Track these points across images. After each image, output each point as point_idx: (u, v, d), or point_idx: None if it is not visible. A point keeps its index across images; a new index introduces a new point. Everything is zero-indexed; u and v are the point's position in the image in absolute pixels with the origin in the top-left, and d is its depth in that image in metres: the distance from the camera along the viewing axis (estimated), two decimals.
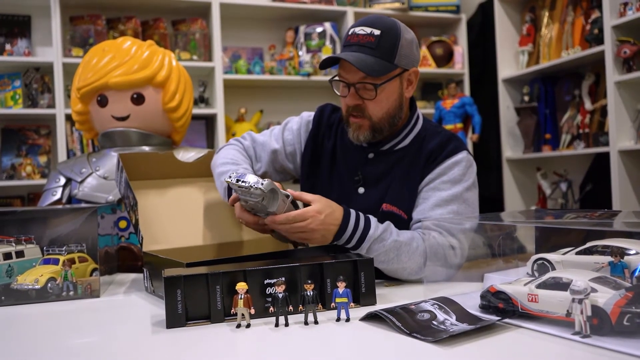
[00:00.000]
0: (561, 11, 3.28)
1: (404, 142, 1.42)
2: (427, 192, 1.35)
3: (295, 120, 1.55)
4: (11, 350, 0.90)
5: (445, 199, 1.33)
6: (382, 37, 1.30)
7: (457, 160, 1.36)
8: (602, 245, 0.94)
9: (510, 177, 3.57)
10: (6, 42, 3.03)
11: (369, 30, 1.31)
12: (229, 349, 0.87)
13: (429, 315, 0.91)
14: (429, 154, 1.38)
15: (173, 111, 1.90)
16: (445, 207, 1.32)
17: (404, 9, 3.66)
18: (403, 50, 1.32)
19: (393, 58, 1.31)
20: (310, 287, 0.95)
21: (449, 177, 1.35)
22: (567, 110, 3.23)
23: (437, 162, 1.36)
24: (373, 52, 1.29)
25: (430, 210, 1.33)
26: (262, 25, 3.62)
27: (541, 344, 0.81)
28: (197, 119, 3.33)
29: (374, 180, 1.41)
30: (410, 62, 1.36)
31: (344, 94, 1.36)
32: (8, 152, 3.06)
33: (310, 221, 1.17)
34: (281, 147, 1.51)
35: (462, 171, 1.36)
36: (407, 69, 1.36)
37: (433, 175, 1.36)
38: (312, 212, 1.17)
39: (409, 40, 1.34)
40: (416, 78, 1.40)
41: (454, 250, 1.28)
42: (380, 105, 1.34)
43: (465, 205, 1.34)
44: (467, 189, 1.35)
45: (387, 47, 1.30)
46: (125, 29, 3.19)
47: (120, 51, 1.84)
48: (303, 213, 1.17)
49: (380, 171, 1.41)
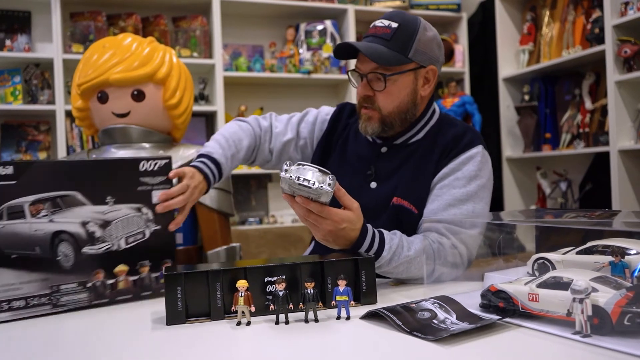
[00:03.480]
0: (562, 10, 3.28)
1: (418, 136, 1.40)
2: (440, 189, 1.32)
3: (313, 114, 1.55)
4: (3, 349, 0.90)
5: (460, 198, 1.29)
6: (398, 30, 1.29)
7: (472, 155, 1.33)
8: (603, 245, 0.94)
9: (510, 176, 3.57)
10: (6, 37, 3.02)
11: (387, 22, 1.31)
12: (229, 346, 0.87)
13: (430, 314, 0.91)
14: (444, 147, 1.35)
15: (173, 108, 1.90)
16: (460, 207, 1.29)
17: (405, 7, 3.66)
18: (420, 46, 1.31)
19: (407, 52, 1.30)
20: (311, 285, 0.95)
21: (463, 173, 1.31)
22: (567, 110, 3.23)
23: (451, 156, 1.33)
24: (387, 43, 1.29)
25: (443, 211, 1.29)
26: (262, 23, 3.62)
27: (542, 343, 0.81)
28: (197, 116, 3.32)
29: (386, 175, 1.39)
30: (427, 59, 1.33)
31: (358, 84, 1.37)
32: (8, 148, 3.05)
33: (341, 226, 1.10)
34: (294, 137, 1.51)
35: (477, 167, 1.32)
36: (424, 65, 1.33)
37: (447, 171, 1.32)
38: (347, 218, 1.11)
39: (429, 38, 1.33)
40: (434, 77, 1.37)
41: (462, 254, 1.27)
42: (391, 97, 1.32)
43: (481, 203, 1.31)
44: (482, 186, 1.32)
45: (402, 40, 1.29)
46: (126, 25, 3.18)
47: (120, 48, 1.84)
48: (340, 217, 1.10)
49: (393, 165, 1.39)
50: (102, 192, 1.16)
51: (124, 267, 1.17)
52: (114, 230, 1.16)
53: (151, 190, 1.21)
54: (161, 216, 1.22)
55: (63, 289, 1.10)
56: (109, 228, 1.16)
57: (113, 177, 1.18)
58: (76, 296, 1.11)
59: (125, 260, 1.17)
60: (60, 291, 1.10)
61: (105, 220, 1.15)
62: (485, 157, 1.37)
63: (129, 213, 1.18)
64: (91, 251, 1.14)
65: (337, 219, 1.10)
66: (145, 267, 1.19)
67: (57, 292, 1.10)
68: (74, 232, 1.12)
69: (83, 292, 1.12)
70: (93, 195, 1.15)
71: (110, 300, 1.15)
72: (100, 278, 1.14)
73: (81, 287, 1.12)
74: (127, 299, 1.17)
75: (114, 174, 1.18)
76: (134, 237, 1.18)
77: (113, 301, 1.15)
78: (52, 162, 1.30)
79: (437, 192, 1.32)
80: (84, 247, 1.13)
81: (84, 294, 1.12)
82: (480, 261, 1.29)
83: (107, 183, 1.17)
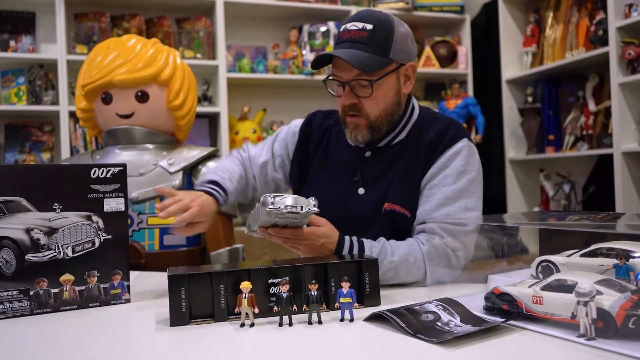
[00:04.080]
0: (565, 12, 3.28)
1: (401, 135, 1.37)
2: (430, 189, 1.31)
3: (284, 130, 1.56)
4: (7, 353, 0.90)
5: (451, 196, 1.28)
6: (375, 32, 1.25)
7: (458, 150, 1.31)
8: (607, 248, 0.94)
9: (513, 178, 3.57)
10: (10, 38, 3.03)
11: (360, 25, 1.26)
12: (232, 347, 0.87)
13: (433, 316, 0.91)
14: (428, 145, 1.33)
15: (177, 109, 1.90)
16: (452, 205, 1.28)
17: (408, 9, 3.66)
18: (398, 44, 1.28)
19: (388, 52, 1.27)
20: (315, 287, 0.95)
21: (451, 170, 1.30)
22: (571, 112, 3.23)
23: (437, 154, 1.31)
24: (366, 48, 1.25)
25: (435, 211, 1.28)
26: (266, 24, 3.62)
27: (546, 346, 0.81)
28: (200, 117, 3.32)
29: (373, 179, 1.36)
30: (406, 56, 1.31)
31: (339, 93, 1.33)
32: (11, 149, 3.06)
33: (319, 242, 1.17)
34: (270, 158, 1.53)
35: (465, 161, 1.31)
36: (403, 63, 1.31)
37: (435, 170, 1.31)
38: (322, 233, 1.17)
39: (404, 34, 1.30)
40: (414, 73, 1.35)
41: (456, 253, 1.25)
42: (377, 102, 1.30)
43: (473, 198, 1.30)
44: (471, 180, 1.31)
45: (380, 42, 1.26)
46: (130, 26, 3.19)
47: (125, 49, 1.84)
48: (316, 233, 1.16)
49: (379, 169, 1.36)
50: (49, 199, 1.12)
51: (70, 277, 1.12)
52: (60, 238, 1.12)
53: (103, 198, 1.16)
54: (113, 225, 1.17)
55: (3, 296, 1.06)
56: (55, 236, 1.11)
57: (62, 183, 1.13)
58: (16, 304, 1.07)
59: (72, 270, 1.13)
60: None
61: (51, 227, 1.11)
62: (471, 149, 1.34)
63: (78, 221, 1.14)
64: (35, 259, 1.09)
65: (313, 237, 1.16)
66: (93, 278, 1.14)
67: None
68: (17, 239, 1.08)
69: (24, 300, 1.08)
70: (40, 202, 1.11)
71: (54, 310, 1.11)
72: (44, 286, 1.09)
73: (22, 294, 1.08)
74: (71, 309, 1.12)
75: (63, 181, 1.13)
76: (82, 246, 1.14)
77: (57, 310, 1.11)
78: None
79: (427, 192, 1.31)
80: (27, 254, 1.09)
81: (25, 302, 1.08)
82: (484, 263, 1.29)
83: (55, 190, 1.12)
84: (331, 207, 1.28)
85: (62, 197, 1.13)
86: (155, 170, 1.84)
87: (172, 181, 1.83)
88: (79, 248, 1.14)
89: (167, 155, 1.88)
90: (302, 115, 1.58)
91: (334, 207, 1.33)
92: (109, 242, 1.17)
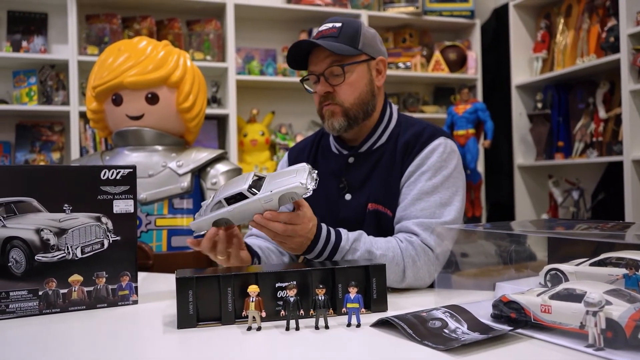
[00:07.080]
0: (577, 18, 3.26)
1: (381, 140, 1.42)
2: (408, 187, 1.34)
3: (280, 163, 1.62)
4: (14, 352, 0.90)
5: (426, 191, 1.30)
6: (343, 27, 1.35)
7: (434, 147, 1.34)
8: (616, 257, 0.93)
9: (521, 184, 3.55)
10: (23, 39, 3.06)
11: (330, 24, 1.37)
12: (239, 351, 0.87)
13: (441, 323, 0.91)
14: (405, 146, 1.36)
15: (187, 111, 1.91)
16: (427, 199, 1.30)
17: (418, 14, 3.66)
18: (366, 40, 1.37)
19: (357, 44, 1.35)
20: (322, 292, 0.95)
21: (427, 166, 1.32)
22: (581, 118, 3.21)
23: (414, 153, 1.35)
24: (336, 39, 1.34)
25: (411, 206, 1.30)
26: (275, 27, 3.63)
27: (554, 355, 0.80)
28: (209, 119, 3.34)
29: (358, 185, 1.41)
30: (375, 51, 1.39)
31: (315, 88, 1.39)
32: (22, 148, 3.08)
33: (300, 227, 1.13)
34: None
35: (441, 157, 1.33)
36: (373, 57, 1.39)
37: (412, 168, 1.34)
38: (310, 215, 1.16)
39: (372, 33, 1.40)
40: (385, 67, 1.42)
41: (431, 248, 1.26)
42: (351, 88, 1.36)
43: (447, 193, 1.31)
44: (447, 176, 1.32)
45: (349, 34, 1.35)
46: (140, 28, 3.21)
47: (135, 51, 1.85)
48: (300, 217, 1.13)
49: (363, 174, 1.41)
50: (59, 200, 1.12)
51: (79, 277, 1.13)
52: (70, 238, 1.12)
53: (112, 199, 1.17)
54: (122, 227, 1.18)
55: (12, 295, 1.07)
56: (65, 236, 1.12)
57: (72, 184, 1.14)
58: (26, 304, 1.08)
59: (81, 270, 1.13)
60: (9, 297, 1.07)
61: (60, 228, 1.12)
62: (449, 147, 1.36)
63: (87, 222, 1.14)
64: (44, 259, 1.10)
65: (305, 220, 1.13)
66: (102, 279, 1.15)
67: (6, 298, 1.07)
68: (27, 239, 1.09)
69: (33, 299, 1.09)
70: (50, 203, 1.11)
71: (62, 310, 1.11)
72: (53, 287, 1.10)
73: (31, 294, 1.09)
74: (79, 309, 1.13)
75: (73, 182, 1.14)
76: (91, 247, 1.14)
77: (65, 311, 1.11)
78: (9, 167, 1.26)
79: (405, 190, 1.34)
80: (37, 255, 1.10)
81: (34, 302, 1.09)
82: (491, 270, 1.28)
83: (65, 190, 1.13)
84: (323, 215, 1.32)
85: (72, 198, 1.14)
86: (164, 172, 1.85)
87: (181, 183, 1.84)
88: (88, 249, 1.15)
89: (176, 157, 1.88)
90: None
91: (326, 215, 1.38)
92: (118, 243, 1.18)
